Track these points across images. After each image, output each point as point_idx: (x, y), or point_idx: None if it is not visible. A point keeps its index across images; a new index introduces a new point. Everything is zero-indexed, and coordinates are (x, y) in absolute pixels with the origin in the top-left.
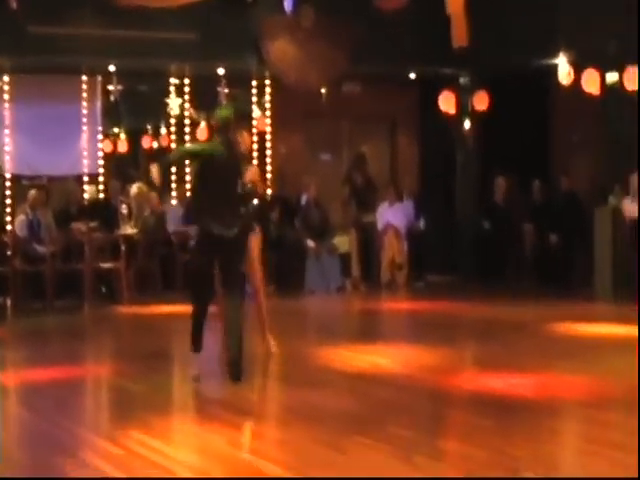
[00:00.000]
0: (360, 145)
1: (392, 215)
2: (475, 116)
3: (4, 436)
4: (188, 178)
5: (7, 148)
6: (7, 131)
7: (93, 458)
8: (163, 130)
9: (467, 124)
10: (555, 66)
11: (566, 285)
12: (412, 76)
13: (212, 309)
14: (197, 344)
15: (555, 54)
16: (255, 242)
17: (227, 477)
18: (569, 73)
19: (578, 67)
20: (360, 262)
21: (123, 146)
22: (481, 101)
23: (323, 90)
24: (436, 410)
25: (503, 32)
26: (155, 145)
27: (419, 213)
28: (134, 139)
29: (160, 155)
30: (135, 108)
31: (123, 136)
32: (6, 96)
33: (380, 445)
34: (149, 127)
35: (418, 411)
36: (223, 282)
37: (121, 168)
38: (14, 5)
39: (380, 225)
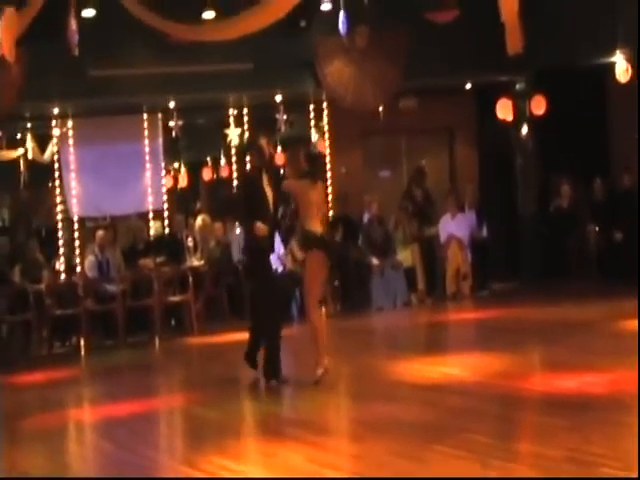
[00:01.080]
0: (419, 159)
1: (454, 226)
2: (533, 121)
3: (90, 468)
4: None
5: (74, 191)
6: (73, 175)
7: None
8: (223, 161)
9: (525, 129)
10: (612, 64)
11: (632, 283)
12: (468, 86)
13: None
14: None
15: (612, 52)
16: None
17: None
18: (626, 70)
19: (635, 64)
20: (425, 275)
21: (184, 180)
22: (538, 105)
23: (380, 108)
24: (510, 414)
25: (557, 33)
26: (215, 176)
27: (481, 222)
28: (194, 172)
29: (220, 187)
30: (195, 141)
31: (183, 170)
32: (70, 141)
33: (457, 452)
34: (209, 159)
35: (492, 416)
36: None
37: (183, 202)
38: (75, 50)
39: (443, 237)
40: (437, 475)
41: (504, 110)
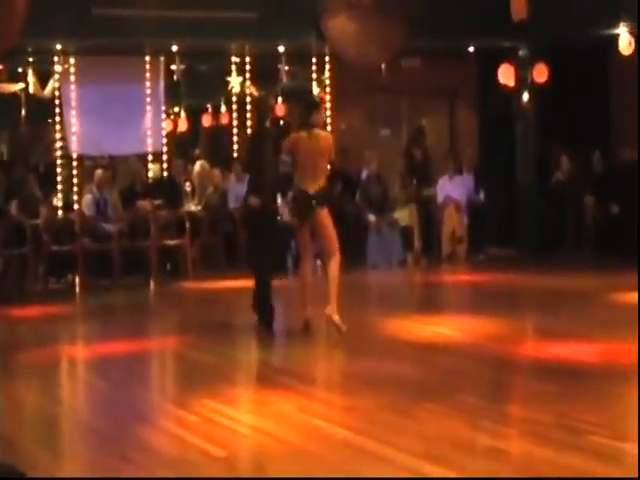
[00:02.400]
0: (419, 120)
1: (452, 188)
2: (534, 88)
3: (83, 404)
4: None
5: (74, 129)
6: (73, 112)
7: (171, 425)
8: (223, 108)
9: (526, 96)
10: (615, 36)
11: (628, 255)
12: (471, 49)
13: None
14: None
15: (615, 24)
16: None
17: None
18: (630, 43)
19: (638, 37)
20: (421, 235)
21: (183, 125)
22: (540, 73)
23: (383, 65)
24: (501, 377)
25: (562, 3)
26: (215, 123)
27: (479, 186)
28: (194, 118)
29: (220, 133)
30: (196, 87)
31: (183, 115)
32: (72, 78)
33: (448, 411)
34: (209, 106)
35: (483, 379)
36: None
37: (182, 147)
38: None
39: (440, 198)
40: (427, 432)
41: (506, 76)
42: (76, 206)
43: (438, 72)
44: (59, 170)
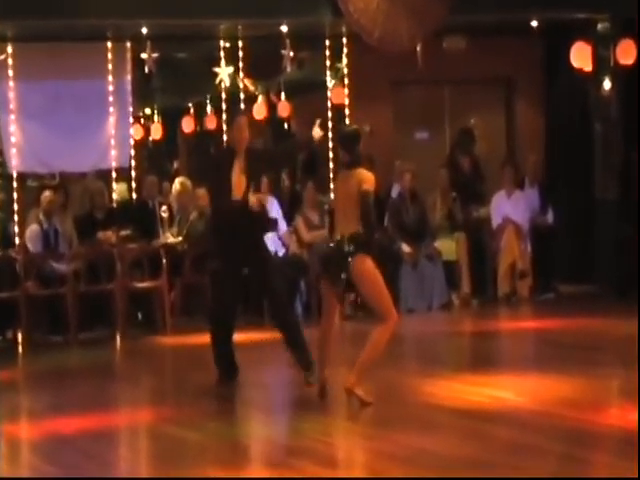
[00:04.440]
0: (467, 119)
1: (511, 208)
2: (618, 73)
3: None
4: None
5: (13, 139)
6: (12, 117)
7: None
8: (209, 109)
9: (607, 84)
10: None
11: None
12: (534, 24)
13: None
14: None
15: None
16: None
17: None
18: None
19: None
20: (470, 270)
21: (157, 131)
22: (626, 53)
23: (417, 48)
24: (576, 454)
25: None
26: (198, 128)
27: (546, 204)
28: (171, 122)
29: (205, 141)
30: (173, 81)
31: (157, 118)
32: (10, 72)
33: None
34: (191, 105)
35: (553, 455)
36: None
37: (156, 160)
38: None
39: (496, 221)
40: None
41: (581, 58)
42: (17, 240)
43: (490, 55)
44: None
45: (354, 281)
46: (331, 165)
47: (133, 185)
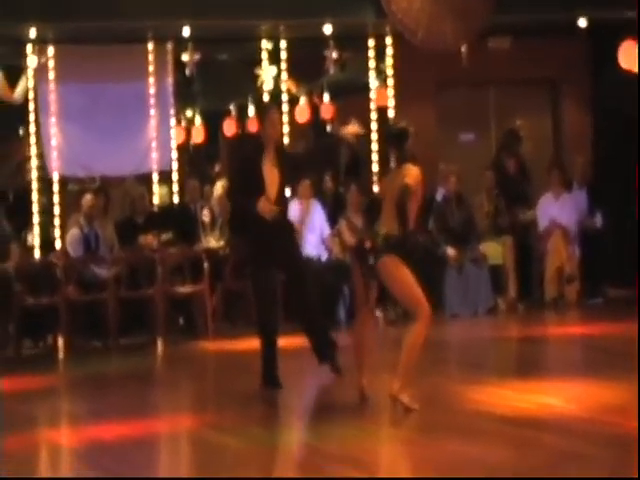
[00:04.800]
0: (513, 118)
1: (558, 210)
2: None
3: None
4: None
5: (54, 142)
6: (53, 119)
7: None
8: (251, 111)
9: None
10: None
11: None
12: (581, 23)
13: None
14: None
15: None
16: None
17: None
18: None
19: None
20: (517, 274)
21: (199, 134)
22: None
23: (462, 49)
24: (626, 463)
25: None
26: (240, 131)
27: (594, 206)
28: (213, 124)
29: (247, 144)
30: (215, 83)
31: (199, 121)
32: (51, 75)
33: None
34: (232, 108)
35: (604, 465)
36: None
37: (198, 163)
38: None
39: (542, 224)
40: None
41: (629, 57)
42: (58, 244)
43: (536, 55)
44: (35, 197)
45: (383, 282)
46: (375, 167)
47: (174, 189)
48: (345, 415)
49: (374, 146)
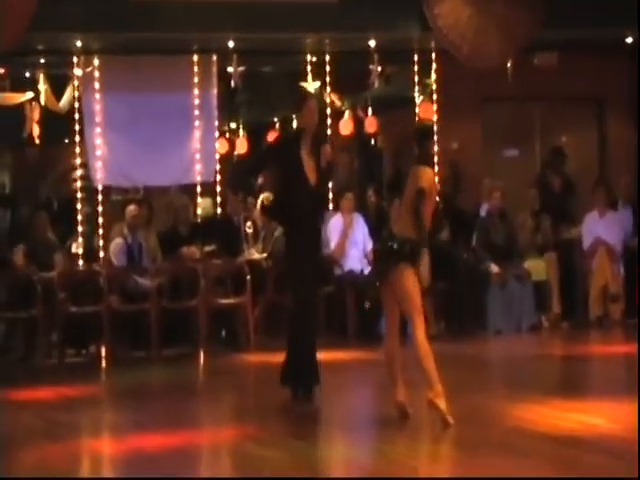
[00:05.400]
0: (558, 136)
1: (603, 229)
2: None
3: None
4: None
5: (98, 152)
6: (98, 130)
7: None
8: (295, 124)
9: None
10: None
11: None
12: (629, 40)
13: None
14: None
15: None
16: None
17: None
18: None
19: None
20: (561, 292)
21: (243, 146)
22: None
23: (508, 64)
24: None
25: None
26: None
27: (639, 225)
28: (257, 136)
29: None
30: (259, 95)
31: (242, 132)
32: (96, 85)
33: None
34: (276, 120)
35: None
36: None
37: (241, 175)
38: None
39: (587, 242)
40: None
41: None
42: (101, 254)
43: (582, 72)
44: (79, 206)
45: (392, 284)
46: None
47: (218, 200)
48: (385, 431)
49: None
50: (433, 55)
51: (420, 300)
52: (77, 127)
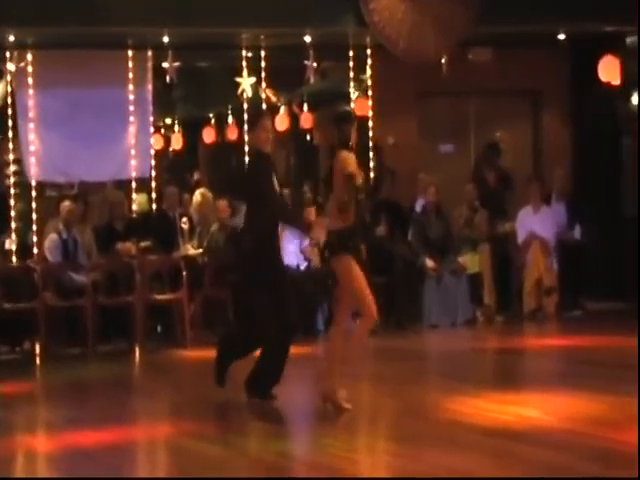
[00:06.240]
0: (493, 130)
1: (537, 223)
2: None
3: None
4: None
5: (32, 147)
6: (32, 125)
7: None
8: (230, 119)
9: (636, 98)
10: None
11: None
12: (561, 37)
13: None
14: None
15: None
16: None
17: None
18: None
19: None
20: (495, 286)
21: (178, 142)
22: None
23: (443, 60)
24: (606, 474)
25: None
26: (220, 139)
27: (573, 219)
28: (192, 132)
29: (226, 152)
30: (195, 91)
31: (178, 128)
32: (30, 80)
33: None
34: (212, 116)
35: (582, 477)
36: None
37: (177, 170)
38: None
39: (521, 236)
40: None
41: (609, 71)
42: (36, 250)
43: (517, 67)
44: (12, 202)
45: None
46: None
47: (153, 196)
48: (324, 425)
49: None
50: (369, 51)
51: (367, 292)
52: (10, 123)
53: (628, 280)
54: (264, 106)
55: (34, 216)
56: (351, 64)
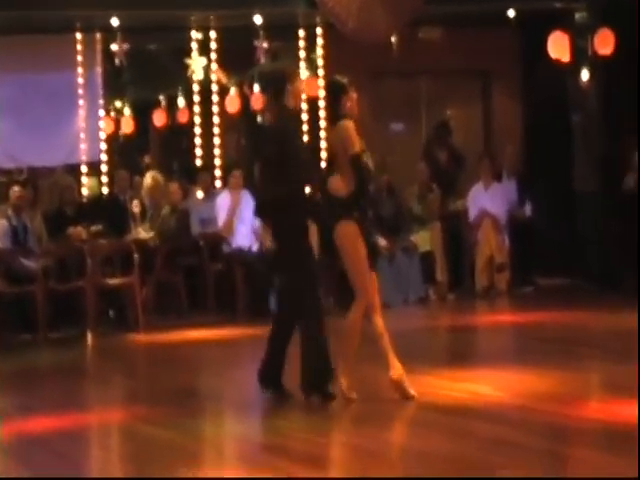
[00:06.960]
0: (443, 109)
1: (488, 200)
2: (596, 63)
3: None
4: None
5: None
6: None
7: None
8: (181, 102)
9: (586, 74)
10: None
11: None
12: (511, 13)
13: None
14: None
15: None
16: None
17: None
18: None
19: None
20: (447, 264)
21: (128, 125)
22: (604, 43)
23: (393, 39)
24: (558, 449)
25: None
26: (170, 122)
27: (524, 196)
28: (143, 115)
29: (178, 135)
30: (144, 74)
31: (128, 111)
32: None
33: None
34: (162, 98)
35: (534, 451)
36: None
37: (127, 154)
38: None
39: (473, 214)
40: None
41: (558, 48)
42: None
43: (467, 46)
44: None
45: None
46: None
47: (104, 180)
48: (279, 406)
49: (305, 138)
50: (319, 30)
51: (365, 274)
52: None
53: (578, 256)
54: (215, 87)
55: None
56: (301, 44)
